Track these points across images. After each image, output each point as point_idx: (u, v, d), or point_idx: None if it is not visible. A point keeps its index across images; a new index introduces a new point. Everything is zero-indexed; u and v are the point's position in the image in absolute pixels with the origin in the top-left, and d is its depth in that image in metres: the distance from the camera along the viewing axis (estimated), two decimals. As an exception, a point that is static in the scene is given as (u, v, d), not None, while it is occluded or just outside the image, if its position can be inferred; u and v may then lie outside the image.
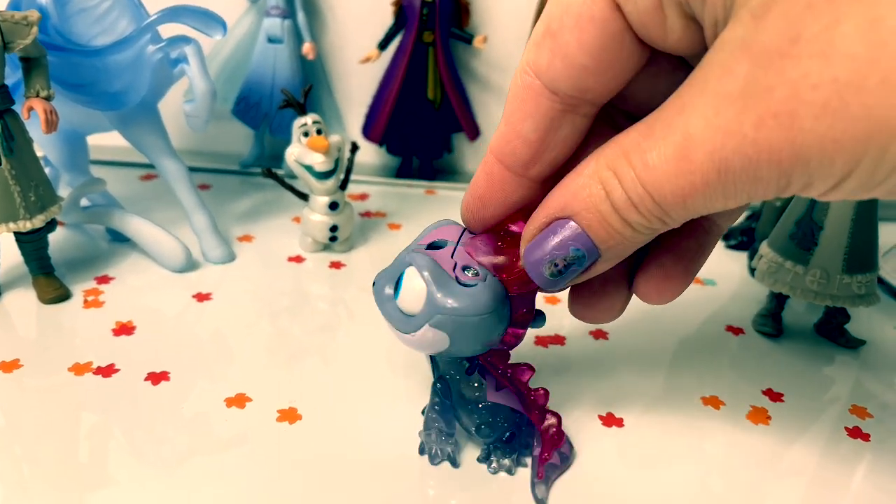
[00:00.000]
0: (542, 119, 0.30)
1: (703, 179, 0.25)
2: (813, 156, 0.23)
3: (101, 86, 0.52)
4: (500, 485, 0.40)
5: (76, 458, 0.40)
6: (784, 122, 0.23)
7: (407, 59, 0.70)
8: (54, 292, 0.53)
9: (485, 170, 0.34)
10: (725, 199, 0.26)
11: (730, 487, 0.41)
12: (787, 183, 0.24)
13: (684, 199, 0.26)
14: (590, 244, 0.29)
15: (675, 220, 0.28)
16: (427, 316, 0.33)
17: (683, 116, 0.25)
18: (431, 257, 0.34)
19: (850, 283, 0.51)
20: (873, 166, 0.23)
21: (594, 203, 0.28)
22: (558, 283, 0.31)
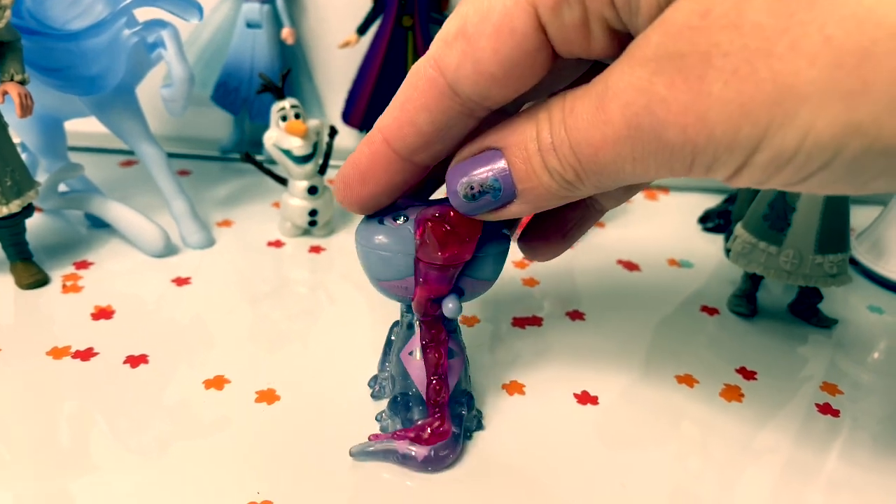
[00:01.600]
0: (439, 115, 0.31)
1: (614, 133, 0.26)
2: (719, 122, 0.23)
3: (77, 70, 0.52)
4: (472, 450, 0.40)
5: (57, 443, 0.40)
6: (693, 86, 0.23)
7: (386, 43, 0.70)
8: (32, 277, 0.53)
9: (370, 147, 0.33)
10: (634, 162, 0.26)
11: (705, 465, 0.41)
12: (693, 153, 0.25)
13: (596, 150, 0.27)
14: (509, 180, 0.30)
15: (589, 179, 0.28)
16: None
17: (611, 73, 0.26)
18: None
19: (822, 264, 0.52)
20: (782, 135, 0.23)
21: (524, 140, 0.29)
22: (471, 208, 0.32)
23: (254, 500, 0.36)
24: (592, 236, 0.67)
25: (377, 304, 0.53)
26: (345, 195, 0.36)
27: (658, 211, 0.73)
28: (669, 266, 0.63)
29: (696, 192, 0.76)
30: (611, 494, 0.39)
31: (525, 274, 0.60)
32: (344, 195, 0.36)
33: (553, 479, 0.39)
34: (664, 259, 0.64)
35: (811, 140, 0.23)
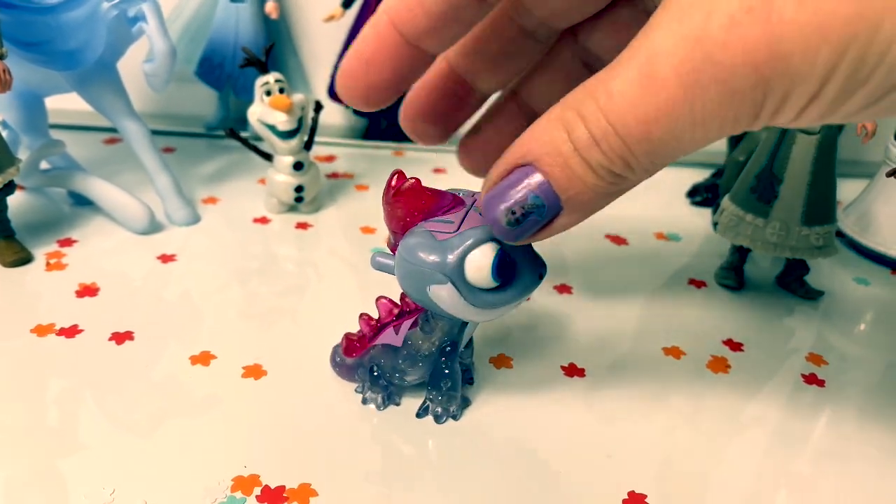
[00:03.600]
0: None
1: (668, 99, 0.23)
2: (795, 50, 0.21)
3: (56, 44, 0.51)
4: (460, 422, 0.40)
5: (45, 421, 0.40)
6: (761, 16, 0.21)
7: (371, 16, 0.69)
8: (15, 255, 0.53)
9: (376, 31, 0.31)
10: (693, 127, 0.24)
11: (692, 436, 0.42)
12: (764, 95, 0.22)
13: (648, 126, 0.24)
14: (550, 192, 0.27)
15: (640, 163, 0.25)
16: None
17: (648, 38, 0.24)
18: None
19: (808, 235, 0.52)
20: (862, 53, 0.21)
21: (556, 146, 0.26)
22: (518, 233, 0.29)
23: (241, 473, 0.36)
24: (580, 211, 0.67)
25: (365, 281, 0.53)
26: (348, 87, 0.32)
27: (646, 185, 0.72)
28: (657, 240, 0.63)
29: (684, 167, 0.76)
30: (598, 466, 0.39)
31: (513, 249, 0.60)
32: (347, 87, 0.32)
33: (540, 451, 0.40)
34: (652, 233, 0.64)
35: (893, 53, 0.21)
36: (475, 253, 0.33)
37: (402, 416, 0.41)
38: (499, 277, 0.33)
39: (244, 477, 0.36)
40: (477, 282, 0.33)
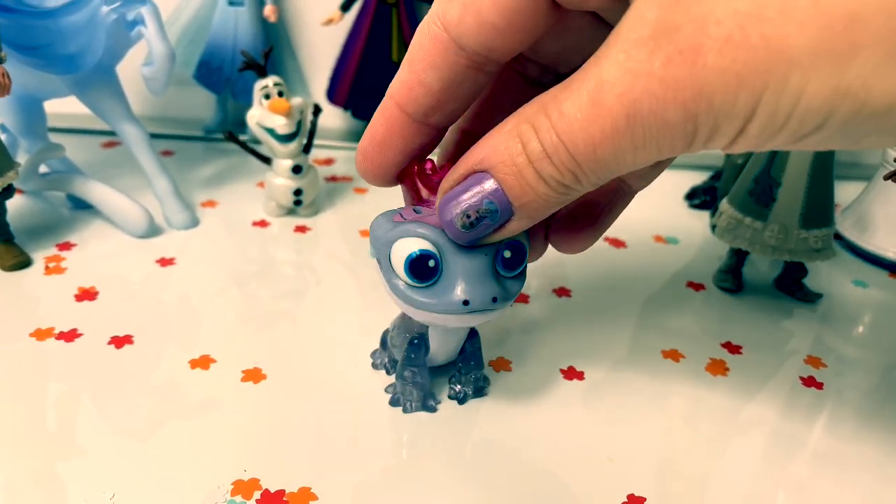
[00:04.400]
0: (447, 71, 0.30)
1: (612, 125, 0.25)
2: (716, 91, 0.23)
3: (55, 48, 0.51)
4: (452, 425, 0.40)
5: (44, 425, 0.39)
6: (689, 58, 0.23)
7: (370, 20, 0.69)
8: (14, 259, 0.53)
9: (384, 115, 0.33)
10: (635, 150, 0.26)
11: (691, 439, 0.42)
12: (695, 127, 0.24)
13: (595, 147, 0.26)
14: (504, 199, 0.29)
15: (588, 177, 0.28)
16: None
17: (598, 66, 0.25)
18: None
19: (806, 238, 0.52)
20: (775, 100, 0.23)
21: (511, 156, 0.28)
22: (471, 235, 0.31)
23: (241, 477, 0.36)
24: (579, 214, 0.67)
25: (364, 285, 0.53)
26: (365, 167, 0.35)
27: (645, 188, 0.73)
28: (656, 242, 0.63)
29: (682, 170, 0.76)
30: (597, 468, 0.39)
31: (512, 252, 0.60)
32: (364, 167, 0.35)
33: (540, 453, 0.40)
34: (650, 236, 0.64)
35: (803, 105, 0.23)
36: (402, 241, 0.34)
37: (402, 419, 0.41)
38: (411, 273, 0.34)
39: (244, 481, 0.36)
40: (397, 271, 0.35)
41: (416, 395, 0.41)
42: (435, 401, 0.42)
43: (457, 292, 0.34)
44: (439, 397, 0.43)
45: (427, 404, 0.42)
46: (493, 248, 0.34)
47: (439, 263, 0.34)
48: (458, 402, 0.42)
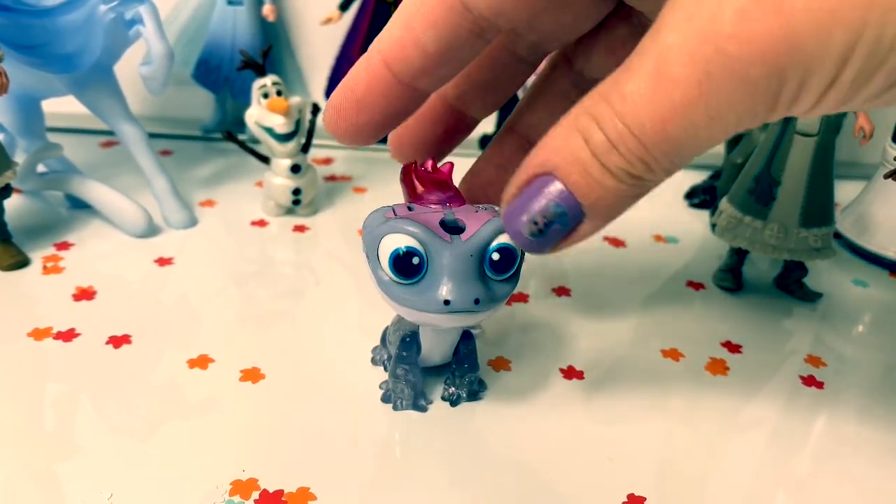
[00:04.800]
0: (447, 33, 0.29)
1: (682, 96, 0.23)
2: (809, 36, 0.21)
3: (53, 47, 0.51)
4: (454, 424, 0.40)
5: (42, 426, 0.39)
6: (771, 6, 0.21)
7: (368, 19, 0.69)
8: (12, 259, 0.53)
9: (368, 71, 0.31)
10: (710, 123, 0.24)
11: (691, 439, 0.42)
12: (780, 84, 0.22)
13: (664, 125, 0.24)
14: (571, 199, 0.27)
15: (659, 163, 0.25)
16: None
17: (658, 37, 0.24)
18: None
19: (806, 237, 0.52)
20: (877, 34, 0.21)
21: (573, 152, 0.26)
22: (541, 244, 0.29)
23: (239, 477, 0.36)
24: (578, 213, 0.67)
25: (363, 284, 0.53)
26: (337, 125, 0.32)
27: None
28: (655, 242, 0.63)
29: (682, 169, 0.76)
30: (597, 468, 0.39)
31: (511, 251, 0.60)
32: (336, 125, 0.32)
33: (539, 453, 0.39)
34: (650, 235, 0.64)
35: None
36: (389, 237, 0.34)
37: (401, 419, 0.41)
38: (395, 269, 0.34)
39: (242, 481, 0.36)
40: (383, 266, 0.35)
41: (407, 394, 0.41)
42: (426, 401, 0.42)
43: (440, 291, 0.34)
44: (432, 397, 0.43)
45: (417, 403, 0.42)
46: (481, 250, 0.34)
47: (424, 261, 0.34)
48: (451, 404, 0.42)
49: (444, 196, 0.37)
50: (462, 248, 0.34)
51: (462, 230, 0.35)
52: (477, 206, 0.37)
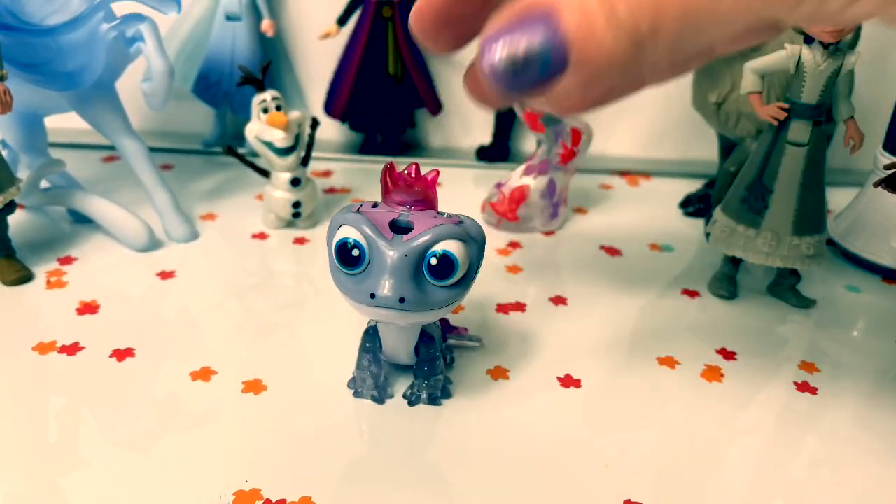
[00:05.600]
0: None
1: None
2: None
3: (56, 65, 0.52)
4: (463, 433, 0.41)
5: (46, 438, 0.40)
6: None
7: (366, 34, 0.70)
8: (16, 274, 0.53)
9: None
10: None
11: (688, 446, 0.42)
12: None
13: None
14: (561, 45, 0.24)
15: (664, 31, 0.23)
16: None
17: None
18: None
19: (799, 245, 0.53)
20: None
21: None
22: (511, 84, 0.25)
23: (242, 487, 0.37)
24: (576, 222, 0.68)
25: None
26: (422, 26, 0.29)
27: (639, 196, 0.74)
28: (651, 251, 0.64)
29: (676, 178, 0.77)
30: (595, 475, 0.39)
31: (509, 261, 0.60)
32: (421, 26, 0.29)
33: (537, 460, 0.40)
34: (646, 244, 0.64)
35: None
36: (342, 228, 0.38)
37: (401, 427, 0.42)
38: (338, 258, 0.38)
39: (245, 491, 0.37)
40: (331, 252, 0.38)
41: (368, 384, 0.43)
42: (385, 394, 0.44)
43: (369, 284, 0.37)
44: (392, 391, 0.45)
45: (376, 395, 0.44)
46: (418, 252, 0.37)
47: (364, 254, 0.37)
48: (409, 403, 0.44)
49: (409, 199, 0.39)
50: (400, 248, 0.37)
51: (409, 231, 0.37)
52: (442, 213, 0.39)
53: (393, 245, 0.37)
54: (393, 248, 0.37)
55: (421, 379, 0.44)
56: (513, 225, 0.65)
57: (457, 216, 0.39)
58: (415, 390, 0.44)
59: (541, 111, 0.61)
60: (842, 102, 0.52)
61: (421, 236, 0.37)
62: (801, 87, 0.50)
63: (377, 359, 0.43)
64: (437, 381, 0.44)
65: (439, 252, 0.37)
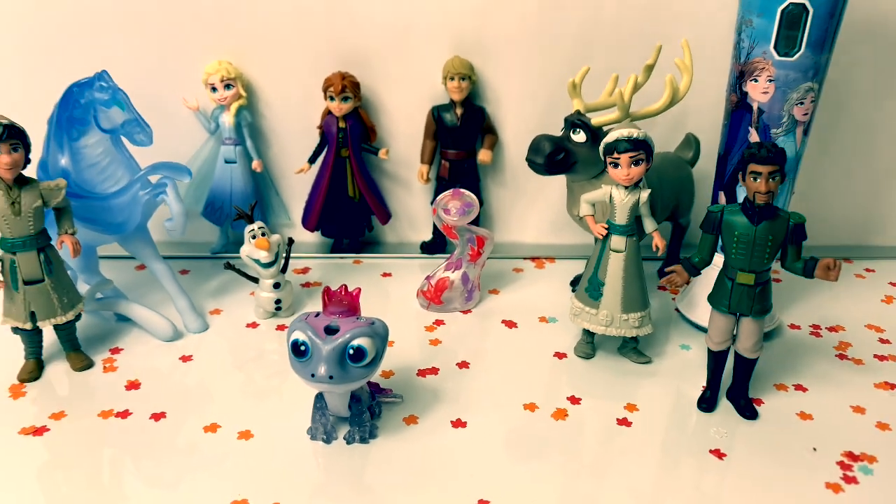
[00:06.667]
0: None
1: None
2: None
3: (108, 219, 0.76)
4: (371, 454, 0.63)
5: (101, 480, 0.62)
6: None
7: (330, 168, 0.94)
8: (82, 363, 0.76)
9: None
10: None
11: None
12: None
13: None
14: None
15: None
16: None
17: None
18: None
19: (627, 319, 0.75)
20: None
21: None
22: None
23: (236, 499, 0.59)
24: (488, 302, 0.90)
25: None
26: None
27: (543, 277, 0.97)
28: (539, 322, 0.86)
29: (575, 260, 0.99)
30: (463, 483, 0.62)
31: (432, 336, 0.83)
32: None
33: (437, 478, 0.62)
34: (537, 317, 0.87)
35: None
36: (294, 332, 0.61)
37: (344, 458, 0.64)
38: (292, 351, 0.61)
39: (238, 500, 0.59)
40: (288, 347, 0.61)
41: (320, 431, 0.66)
42: (332, 437, 0.66)
43: (310, 368, 0.59)
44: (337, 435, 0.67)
45: (324, 438, 0.66)
46: (341, 347, 0.59)
47: (308, 349, 0.59)
48: (347, 442, 0.66)
49: (338, 310, 0.62)
50: (329, 344, 0.59)
51: (336, 332, 0.60)
52: (360, 318, 0.62)
53: (325, 342, 0.60)
54: (325, 344, 0.59)
55: (354, 426, 0.66)
56: (438, 307, 0.88)
57: (370, 319, 0.62)
58: (351, 434, 0.66)
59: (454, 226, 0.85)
60: (644, 222, 0.75)
61: (343, 336, 0.60)
62: (614, 213, 0.73)
63: (325, 414, 0.66)
64: (366, 427, 0.66)
65: (355, 346, 0.60)
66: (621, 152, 0.70)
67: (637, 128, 0.71)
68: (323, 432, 0.66)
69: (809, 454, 0.66)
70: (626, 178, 0.71)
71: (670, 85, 0.77)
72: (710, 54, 0.86)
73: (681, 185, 0.90)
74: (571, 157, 0.78)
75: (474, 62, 0.93)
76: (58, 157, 0.76)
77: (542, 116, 0.94)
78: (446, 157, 0.96)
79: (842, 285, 0.96)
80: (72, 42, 0.91)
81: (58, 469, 0.63)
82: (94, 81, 0.75)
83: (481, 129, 0.96)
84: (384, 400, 0.71)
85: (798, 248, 0.66)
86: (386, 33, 0.94)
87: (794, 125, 0.75)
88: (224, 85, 0.91)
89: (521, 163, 0.84)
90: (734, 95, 0.78)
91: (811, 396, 0.74)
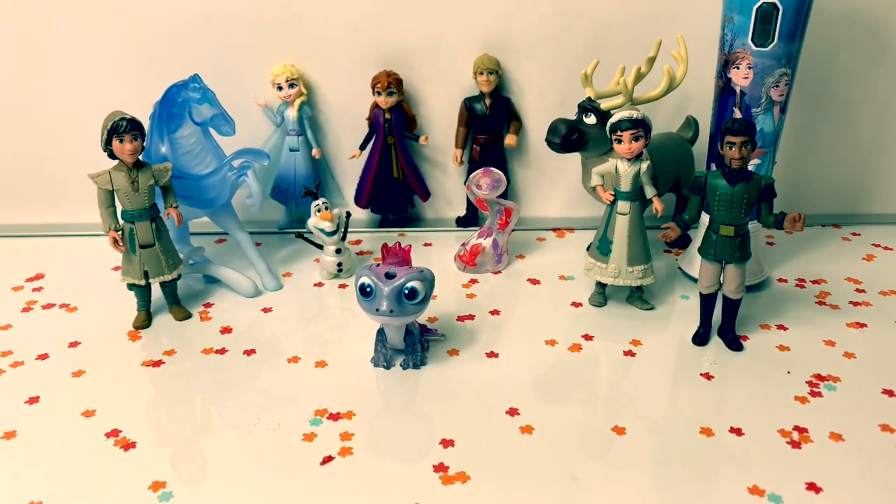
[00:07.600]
0: None
1: None
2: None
3: (202, 196, 0.93)
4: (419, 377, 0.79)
5: (213, 396, 0.79)
6: None
7: (378, 154, 1.10)
8: (183, 314, 0.94)
9: None
10: None
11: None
12: None
13: None
14: None
15: None
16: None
17: None
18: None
19: (632, 272, 0.90)
20: None
21: None
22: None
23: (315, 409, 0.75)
24: (515, 265, 1.05)
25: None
26: None
27: (563, 245, 1.12)
28: (559, 280, 1.01)
29: (591, 230, 1.13)
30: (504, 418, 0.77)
31: (468, 291, 0.98)
32: None
33: (476, 400, 0.78)
34: (557, 276, 1.02)
35: None
36: (361, 276, 0.77)
37: (400, 381, 0.80)
38: (359, 291, 0.77)
39: (319, 409, 0.75)
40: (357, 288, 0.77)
41: (381, 359, 0.82)
42: (391, 364, 0.82)
43: (374, 304, 0.75)
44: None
45: (385, 365, 0.81)
46: (398, 288, 0.74)
47: (372, 290, 0.75)
48: (402, 368, 0.81)
49: (395, 261, 0.78)
50: (389, 286, 0.75)
51: (394, 277, 0.75)
52: (413, 267, 0.77)
53: (386, 284, 0.75)
54: (386, 286, 0.75)
55: (409, 355, 0.82)
56: (473, 269, 1.03)
57: (420, 268, 0.78)
58: (406, 361, 0.82)
59: (486, 199, 1.00)
60: (645, 188, 0.89)
61: (399, 279, 0.75)
62: (619, 182, 0.88)
63: (385, 345, 0.81)
64: (418, 356, 0.82)
65: (409, 287, 0.75)
66: (623, 130, 0.84)
67: (637, 110, 0.86)
68: (384, 360, 0.82)
69: (784, 376, 0.80)
70: (628, 152, 0.86)
71: (668, 74, 0.92)
72: (706, 46, 1.00)
73: (681, 161, 1.04)
74: (584, 136, 0.93)
75: (500, 59, 1.09)
76: (158, 146, 0.93)
77: (559, 104, 1.09)
78: (477, 142, 1.12)
79: (829, 246, 1.10)
80: (168, 53, 1.09)
81: (176, 390, 0.80)
82: (189, 83, 0.92)
83: (507, 116, 1.11)
84: (431, 338, 0.86)
85: (770, 204, 0.80)
86: (424, 37, 1.10)
87: (771, 105, 0.89)
88: (288, 84, 1.08)
89: (542, 146, 0.99)
90: (720, 81, 0.92)
91: (790, 333, 0.88)
